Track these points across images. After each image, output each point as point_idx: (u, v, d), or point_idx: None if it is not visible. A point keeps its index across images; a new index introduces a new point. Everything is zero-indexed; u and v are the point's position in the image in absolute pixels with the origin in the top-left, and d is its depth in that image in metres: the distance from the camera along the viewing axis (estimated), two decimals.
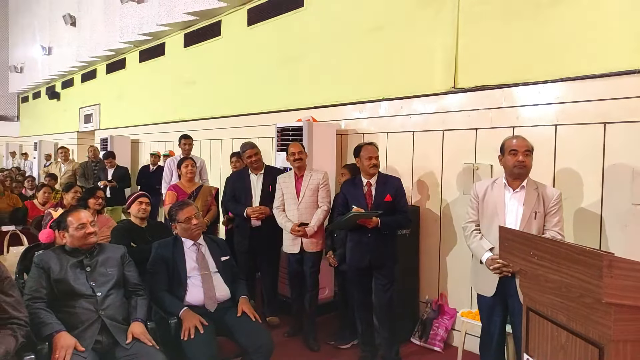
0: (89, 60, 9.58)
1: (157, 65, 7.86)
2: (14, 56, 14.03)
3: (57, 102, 11.86)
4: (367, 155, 3.13)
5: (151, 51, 7.92)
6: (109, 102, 9.52)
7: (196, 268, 2.71)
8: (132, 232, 3.33)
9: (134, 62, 8.51)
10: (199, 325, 2.41)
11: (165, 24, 6.91)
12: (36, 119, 13.78)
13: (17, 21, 13.68)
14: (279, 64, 5.39)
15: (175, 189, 4.10)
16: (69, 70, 10.71)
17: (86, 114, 10.30)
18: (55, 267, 2.31)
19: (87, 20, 9.32)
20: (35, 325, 2.12)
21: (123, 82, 8.95)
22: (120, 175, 6.97)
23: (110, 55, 8.98)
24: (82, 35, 9.50)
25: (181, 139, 5.28)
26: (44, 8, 11.49)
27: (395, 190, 3.16)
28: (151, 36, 7.57)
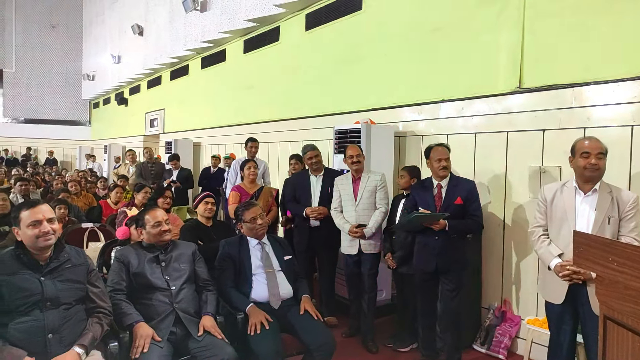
0: (155, 67, 10.12)
1: (218, 71, 8.17)
2: (86, 65, 15.07)
3: (125, 107, 12.62)
4: (436, 157, 3.08)
5: (212, 58, 8.25)
6: (172, 106, 10.01)
7: (261, 266, 2.81)
8: (199, 231, 3.50)
9: (196, 69, 8.90)
10: (265, 321, 2.50)
11: (226, 31, 7.17)
12: (106, 124, 14.72)
13: (90, 33, 14.69)
14: (337, 67, 5.45)
15: (238, 189, 4.26)
16: (136, 77, 11.37)
17: (152, 118, 10.88)
18: (134, 261, 2.48)
19: (153, 30, 9.87)
20: (117, 315, 2.29)
21: (186, 88, 9.38)
22: (184, 176, 7.30)
23: (174, 62, 9.44)
24: (148, 44, 10.06)
25: (248, 141, 5.46)
26: (114, 19, 12.28)
27: (467, 193, 3.06)
28: (213, 43, 7.88)
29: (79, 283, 2.16)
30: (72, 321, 2.06)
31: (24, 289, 2.00)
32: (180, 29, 8.54)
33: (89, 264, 2.26)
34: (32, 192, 5.93)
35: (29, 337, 1.95)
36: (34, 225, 2.06)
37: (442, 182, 3.11)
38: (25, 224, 2.07)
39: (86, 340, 2.03)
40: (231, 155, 7.36)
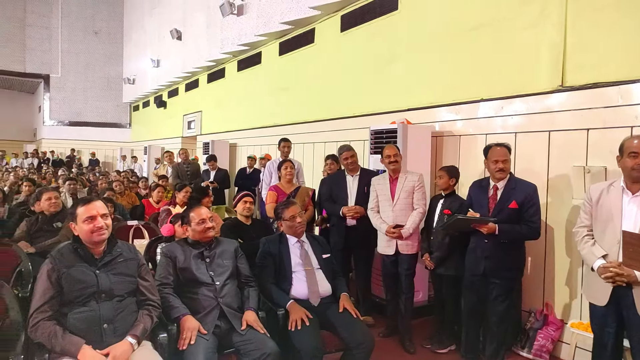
0: (192, 71, 10.39)
1: (253, 74, 8.32)
2: (127, 69, 15.62)
3: (164, 110, 13.00)
4: (493, 158, 3.00)
5: (248, 60, 8.41)
6: (209, 109, 10.25)
7: (300, 264, 2.86)
8: (239, 229, 3.60)
9: (232, 71, 9.09)
10: (305, 317, 2.55)
11: (262, 34, 7.30)
12: (145, 126, 15.20)
13: (130, 38, 15.23)
14: (373, 67, 5.46)
15: (276, 189, 4.34)
16: (175, 80, 11.70)
17: (189, 120, 11.17)
18: (181, 257, 2.58)
19: (191, 34, 10.14)
20: (165, 308, 2.39)
21: (222, 90, 9.59)
22: (221, 177, 7.47)
23: (211, 65, 9.67)
24: (186, 48, 10.35)
25: (281, 142, 5.55)
26: (153, 25, 12.69)
27: (524, 198, 2.94)
28: (249, 46, 8.04)
29: (131, 276, 2.27)
30: (124, 312, 2.17)
31: (81, 281, 2.11)
32: (217, 33, 8.74)
33: (139, 258, 2.37)
34: (79, 191, 6.21)
35: (86, 326, 2.07)
36: (89, 221, 2.18)
37: (498, 184, 3.04)
38: (81, 219, 2.20)
39: (138, 331, 2.14)
40: (266, 156, 7.49)
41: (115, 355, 2.01)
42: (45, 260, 2.19)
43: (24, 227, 3.91)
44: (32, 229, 3.88)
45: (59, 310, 2.09)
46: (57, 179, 8.12)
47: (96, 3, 15.87)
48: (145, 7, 13.33)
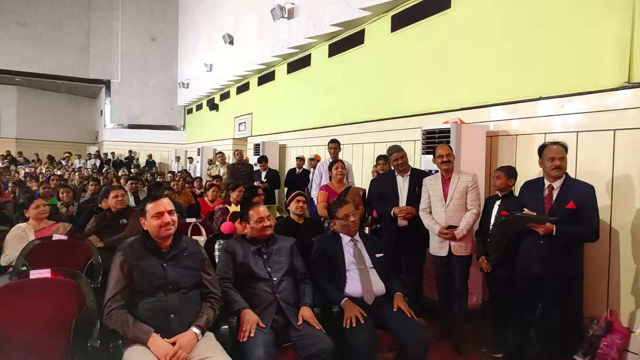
0: (244, 74, 10.68)
1: (303, 76, 8.45)
2: (181, 74, 16.25)
3: (216, 112, 13.43)
4: (549, 156, 2.90)
5: (298, 63, 8.55)
6: (260, 111, 10.49)
7: (354, 262, 2.90)
8: (292, 227, 3.67)
9: (282, 74, 9.26)
10: (359, 315, 2.58)
11: (312, 36, 7.40)
12: (198, 128, 15.76)
13: (185, 44, 15.84)
14: (424, 66, 5.41)
15: (327, 189, 4.40)
16: (226, 84, 12.06)
17: (240, 122, 11.48)
18: (239, 252, 2.68)
19: (242, 39, 10.43)
20: (226, 301, 2.49)
21: (272, 93, 9.79)
22: (271, 177, 7.64)
23: (262, 68, 9.90)
24: (238, 52, 10.65)
25: (329, 143, 5.61)
26: (206, 31, 13.14)
27: (583, 198, 2.83)
28: (298, 49, 8.17)
29: (195, 270, 2.39)
30: (189, 304, 2.29)
31: (150, 273, 2.25)
32: (268, 37, 8.94)
33: (202, 253, 2.49)
34: (140, 190, 6.55)
35: (155, 316, 2.20)
36: (157, 216, 2.32)
37: (554, 184, 2.93)
38: (150, 215, 2.34)
39: (202, 322, 2.25)
40: (315, 157, 7.57)
41: (182, 344, 2.12)
42: (118, 253, 2.34)
43: (93, 222, 4.18)
44: (100, 225, 4.14)
45: (131, 300, 2.23)
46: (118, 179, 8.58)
47: (153, 11, 16.63)
48: (198, 13, 13.83)
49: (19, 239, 3.54)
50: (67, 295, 2.34)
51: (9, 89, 17.09)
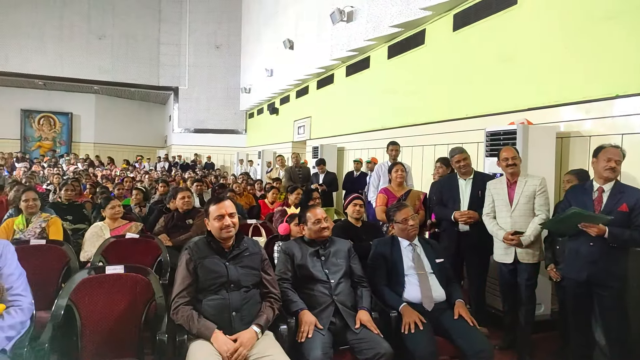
0: (303, 78, 10.84)
1: (362, 78, 8.43)
2: (244, 80, 16.78)
3: (276, 116, 13.73)
4: (606, 156, 2.76)
5: (357, 65, 8.54)
6: (318, 114, 10.60)
7: (412, 267, 2.84)
8: (349, 231, 3.67)
9: (341, 77, 9.30)
10: (419, 321, 2.53)
11: (371, 38, 7.37)
12: (259, 131, 16.19)
13: (247, 50, 16.35)
14: (488, 66, 5.21)
15: (386, 192, 4.35)
16: (286, 88, 12.30)
17: (299, 125, 11.66)
18: (298, 254, 2.73)
19: (302, 43, 10.59)
20: (285, 302, 2.54)
21: (331, 96, 9.85)
22: (329, 180, 7.69)
23: (321, 72, 10.00)
24: (298, 57, 10.83)
25: (389, 145, 5.55)
26: (268, 37, 13.48)
27: (635, 201, 2.69)
28: (357, 51, 8.16)
29: (255, 269, 2.46)
30: (250, 302, 2.36)
31: (214, 271, 2.35)
32: (327, 40, 9.01)
33: (262, 253, 2.56)
34: (204, 192, 6.84)
35: (218, 313, 2.29)
36: (218, 219, 2.41)
37: (605, 186, 2.78)
38: (212, 216, 2.44)
39: (262, 321, 2.31)
40: (372, 160, 7.53)
41: (243, 341, 2.19)
42: (184, 252, 2.46)
43: (162, 222, 4.42)
44: (168, 225, 4.37)
45: (196, 297, 2.34)
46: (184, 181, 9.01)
47: (218, 20, 17.33)
48: (261, 20, 14.22)
49: (96, 237, 3.81)
50: (139, 290, 2.50)
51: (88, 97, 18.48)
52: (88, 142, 18.69)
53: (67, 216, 4.66)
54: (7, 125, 17.47)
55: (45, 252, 3.15)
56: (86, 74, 16.39)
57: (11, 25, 15.35)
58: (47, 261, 3.09)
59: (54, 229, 3.76)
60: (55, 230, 3.76)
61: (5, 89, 17.28)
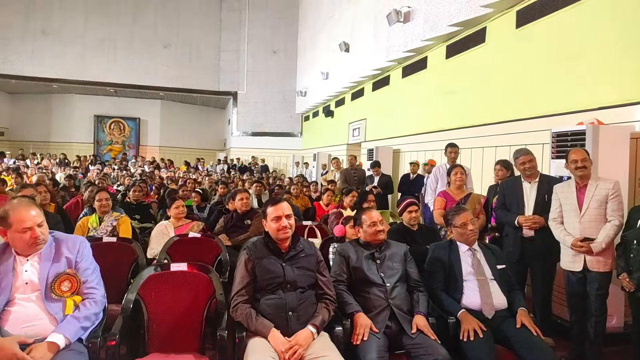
0: (358, 80, 10.83)
1: (418, 79, 8.29)
2: (300, 83, 17.03)
3: (331, 119, 13.81)
4: None
5: (413, 66, 8.42)
6: (373, 116, 10.54)
7: (472, 273, 2.76)
8: (405, 234, 3.62)
9: (397, 78, 9.20)
10: (478, 328, 2.44)
11: (428, 38, 7.23)
12: (314, 134, 16.36)
13: (304, 55, 16.59)
14: (554, 63, 4.95)
15: (444, 195, 4.25)
16: (341, 90, 12.34)
17: (354, 128, 11.65)
18: (353, 256, 2.73)
19: (358, 46, 10.58)
20: (340, 303, 2.55)
21: (386, 98, 9.77)
22: (385, 182, 7.63)
23: (376, 74, 9.94)
24: (353, 59, 10.83)
25: (447, 147, 5.42)
26: (323, 40, 13.60)
27: None
28: (414, 52, 8.04)
29: (311, 271, 2.49)
30: (306, 303, 2.40)
31: (271, 271, 2.40)
32: (383, 42, 8.95)
33: (318, 255, 2.58)
34: (262, 194, 7.01)
35: (275, 312, 2.34)
36: (275, 220, 2.47)
37: None
38: (270, 217, 2.49)
39: (317, 321, 2.33)
40: (430, 162, 7.38)
41: (299, 341, 2.22)
42: (243, 251, 2.54)
43: (221, 222, 4.58)
44: (228, 225, 4.52)
45: (254, 295, 2.40)
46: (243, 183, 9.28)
47: (275, 26, 17.73)
48: (317, 25, 14.38)
49: (162, 235, 4.02)
50: (201, 287, 2.60)
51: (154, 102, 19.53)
52: (154, 145, 19.75)
53: (135, 215, 4.95)
54: (82, 130, 18.88)
55: (116, 249, 3.36)
56: (153, 81, 17.36)
57: (89, 38, 16.55)
58: (117, 257, 3.29)
59: (124, 228, 4.01)
60: (125, 229, 4.01)
61: (81, 96, 18.67)
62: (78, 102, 18.74)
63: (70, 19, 16.37)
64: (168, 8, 17.47)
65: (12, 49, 15.70)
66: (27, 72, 15.88)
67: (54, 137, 18.75)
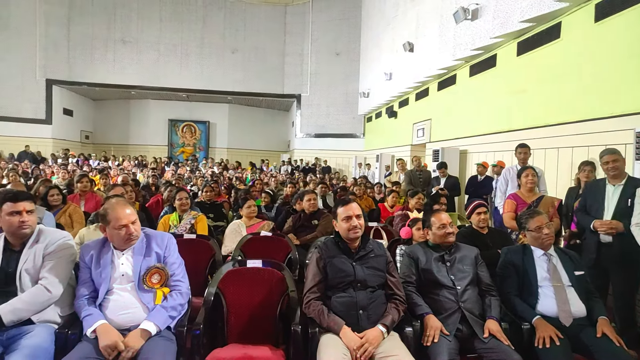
0: (423, 80, 10.66)
1: (487, 77, 8.04)
2: (362, 85, 17.05)
3: (395, 119, 13.70)
4: None
5: (482, 64, 8.17)
6: (439, 116, 10.34)
7: (547, 278, 2.68)
8: (474, 237, 3.55)
9: (464, 77, 8.97)
10: (554, 336, 2.37)
11: (498, 35, 7.00)
12: (377, 135, 16.29)
13: (366, 55, 16.59)
14: (636, 59, 4.63)
15: (515, 198, 4.12)
16: (405, 91, 12.21)
17: (418, 128, 11.49)
18: (422, 258, 2.74)
19: (423, 45, 10.44)
20: (409, 304, 2.57)
21: (453, 97, 9.55)
22: (451, 184, 7.47)
23: (442, 73, 9.75)
24: (418, 59, 10.70)
25: (517, 147, 5.23)
26: (387, 41, 13.53)
27: None
28: (483, 50, 7.80)
29: (380, 271, 2.54)
30: (375, 302, 2.45)
31: (342, 270, 2.48)
32: (450, 41, 8.77)
33: (387, 255, 2.63)
34: (327, 195, 7.13)
35: (346, 309, 2.42)
36: (346, 220, 2.54)
37: None
38: (341, 217, 2.58)
39: (387, 321, 2.38)
40: (499, 163, 7.13)
41: (369, 339, 2.28)
42: (314, 250, 2.65)
43: (290, 222, 4.74)
44: (296, 224, 4.67)
45: (325, 293, 2.50)
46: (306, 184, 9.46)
47: (338, 28, 17.89)
48: (380, 26, 14.34)
49: (235, 233, 4.24)
50: (275, 283, 2.74)
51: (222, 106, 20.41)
52: (222, 147, 20.64)
53: (209, 214, 5.24)
54: (157, 134, 20.15)
55: (196, 245, 3.60)
56: (221, 86, 18.17)
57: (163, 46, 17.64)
58: (197, 253, 3.53)
59: (201, 225, 4.28)
60: (202, 227, 4.27)
61: (157, 102, 19.91)
62: (154, 107, 20.02)
63: (147, 28, 17.52)
64: (236, 15, 18.19)
65: (96, 58, 17.08)
66: (110, 79, 17.21)
67: (132, 140, 20.17)
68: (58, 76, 16.61)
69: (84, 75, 16.90)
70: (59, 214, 4.41)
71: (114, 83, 17.33)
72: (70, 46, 16.75)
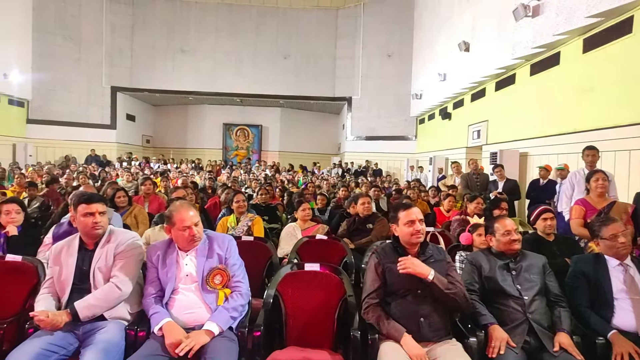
0: (479, 80, 10.33)
1: (549, 76, 7.66)
2: (415, 86, 16.77)
3: (449, 121, 13.36)
4: None
5: (543, 63, 7.80)
6: (496, 117, 9.97)
7: (624, 290, 2.50)
8: (539, 245, 3.38)
9: (524, 76, 8.60)
10: (634, 352, 2.21)
11: (562, 32, 6.66)
12: (429, 137, 15.96)
13: (419, 57, 16.33)
14: None
15: (583, 203, 3.89)
16: (460, 92, 11.88)
17: (474, 130, 11.13)
18: (486, 266, 2.64)
19: (479, 44, 10.11)
20: (472, 314, 2.48)
21: (511, 97, 9.18)
22: (510, 187, 7.16)
23: (500, 73, 9.39)
24: (474, 59, 10.38)
25: (585, 150, 4.94)
26: (441, 41, 13.23)
27: None
28: (544, 47, 7.45)
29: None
30: (439, 310, 2.38)
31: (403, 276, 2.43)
32: (508, 39, 8.44)
33: (448, 260, 2.55)
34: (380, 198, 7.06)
35: (406, 317, 2.37)
36: (409, 224, 2.49)
37: None
38: (402, 222, 2.53)
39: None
40: (564, 166, 6.76)
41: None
42: (372, 255, 2.62)
43: (344, 226, 4.72)
44: (350, 228, 4.65)
45: (384, 299, 2.46)
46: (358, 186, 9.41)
47: (390, 30, 17.71)
48: (434, 26, 14.06)
49: (290, 236, 4.29)
50: (332, 287, 2.74)
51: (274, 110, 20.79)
52: (274, 150, 21.02)
53: (264, 216, 5.33)
54: (213, 137, 20.87)
55: (253, 247, 3.67)
56: (274, 90, 18.53)
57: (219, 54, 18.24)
58: (255, 255, 3.59)
59: (257, 228, 4.36)
60: (258, 229, 4.36)
61: (212, 106, 20.62)
62: (209, 112, 20.74)
63: (204, 38, 18.18)
64: (288, 21, 18.49)
65: (157, 67, 17.95)
66: (169, 86, 18.02)
67: (189, 144, 20.99)
68: (122, 83, 17.61)
69: (145, 82, 17.82)
70: (126, 215, 4.65)
71: (172, 89, 18.12)
72: (133, 55, 17.71)
